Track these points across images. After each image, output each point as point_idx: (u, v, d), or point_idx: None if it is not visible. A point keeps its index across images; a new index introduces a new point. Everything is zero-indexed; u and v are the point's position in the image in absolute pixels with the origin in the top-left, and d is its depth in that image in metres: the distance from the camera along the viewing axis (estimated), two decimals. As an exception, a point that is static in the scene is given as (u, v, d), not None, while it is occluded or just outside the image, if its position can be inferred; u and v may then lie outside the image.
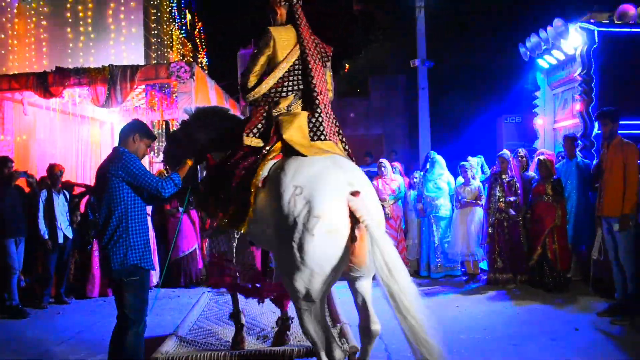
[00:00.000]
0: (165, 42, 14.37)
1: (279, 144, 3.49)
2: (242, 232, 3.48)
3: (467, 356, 4.82)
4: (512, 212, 7.41)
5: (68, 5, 12.51)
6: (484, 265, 8.02)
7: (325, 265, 2.89)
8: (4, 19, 12.30)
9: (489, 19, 15.93)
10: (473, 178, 8.01)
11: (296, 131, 3.47)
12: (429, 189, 8.27)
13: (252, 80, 3.74)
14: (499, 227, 7.50)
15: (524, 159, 8.00)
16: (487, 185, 7.80)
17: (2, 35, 12.24)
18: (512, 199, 7.45)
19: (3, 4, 12.32)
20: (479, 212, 7.91)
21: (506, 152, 7.77)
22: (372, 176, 8.92)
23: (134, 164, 3.71)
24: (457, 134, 14.01)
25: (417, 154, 12.53)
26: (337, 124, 3.70)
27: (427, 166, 8.51)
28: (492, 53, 14.97)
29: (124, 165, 3.68)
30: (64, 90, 9.17)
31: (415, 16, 12.23)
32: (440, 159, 8.47)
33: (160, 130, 11.12)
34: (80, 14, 12.49)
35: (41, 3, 12.61)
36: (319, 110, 3.55)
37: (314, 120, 3.54)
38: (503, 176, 7.57)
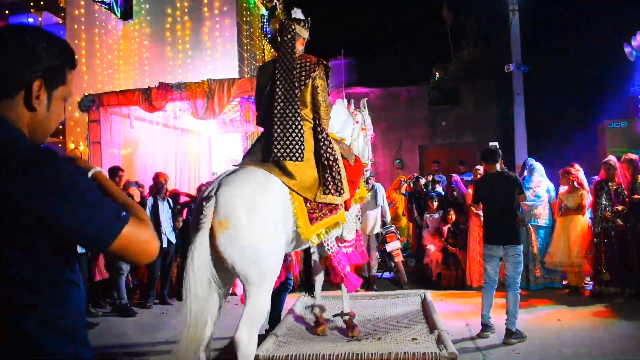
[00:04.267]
0: (257, 57, 14.90)
1: None
2: None
3: (574, 371, 4.60)
4: (619, 221, 6.99)
5: (167, 26, 13.36)
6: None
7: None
8: (110, 41, 13.30)
9: (588, 17, 15.09)
10: (577, 185, 7.62)
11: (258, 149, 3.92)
12: (528, 198, 7.95)
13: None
14: (606, 237, 7.11)
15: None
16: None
17: (110, 56, 13.22)
18: (619, 207, 7.03)
19: (109, 27, 13.32)
20: (581, 220, 7.52)
21: (613, 158, 7.34)
22: (467, 184, 8.75)
23: None
24: (556, 140, 13.31)
25: (513, 162, 12.09)
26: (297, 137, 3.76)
27: (525, 173, 8.20)
28: (593, 54, 14.14)
29: None
30: (166, 104, 9.72)
31: (509, 19, 11.86)
32: (539, 166, 8.13)
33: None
34: (179, 33, 13.30)
35: (143, 25, 13.54)
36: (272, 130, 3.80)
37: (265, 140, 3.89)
38: (610, 184, 7.17)
